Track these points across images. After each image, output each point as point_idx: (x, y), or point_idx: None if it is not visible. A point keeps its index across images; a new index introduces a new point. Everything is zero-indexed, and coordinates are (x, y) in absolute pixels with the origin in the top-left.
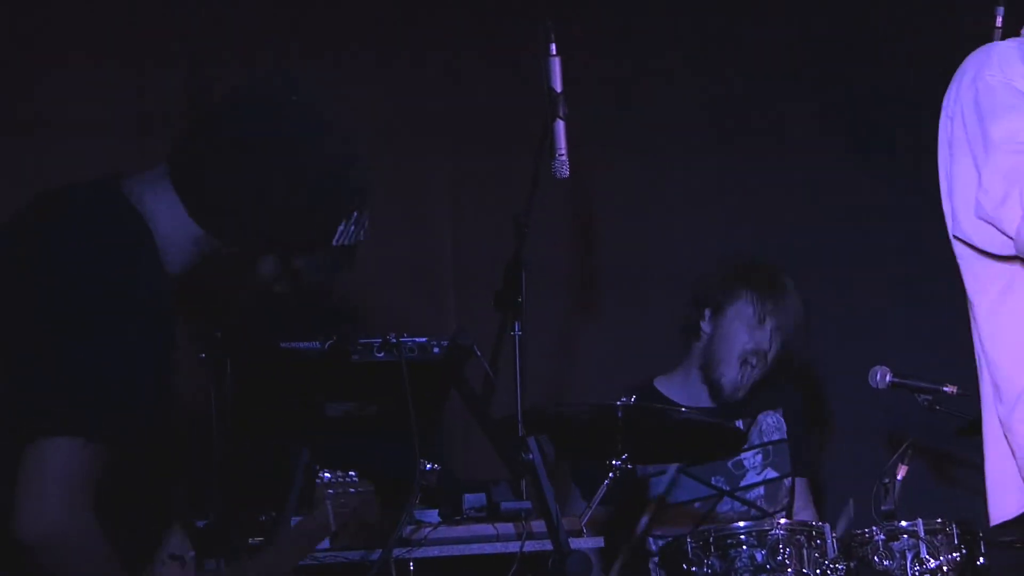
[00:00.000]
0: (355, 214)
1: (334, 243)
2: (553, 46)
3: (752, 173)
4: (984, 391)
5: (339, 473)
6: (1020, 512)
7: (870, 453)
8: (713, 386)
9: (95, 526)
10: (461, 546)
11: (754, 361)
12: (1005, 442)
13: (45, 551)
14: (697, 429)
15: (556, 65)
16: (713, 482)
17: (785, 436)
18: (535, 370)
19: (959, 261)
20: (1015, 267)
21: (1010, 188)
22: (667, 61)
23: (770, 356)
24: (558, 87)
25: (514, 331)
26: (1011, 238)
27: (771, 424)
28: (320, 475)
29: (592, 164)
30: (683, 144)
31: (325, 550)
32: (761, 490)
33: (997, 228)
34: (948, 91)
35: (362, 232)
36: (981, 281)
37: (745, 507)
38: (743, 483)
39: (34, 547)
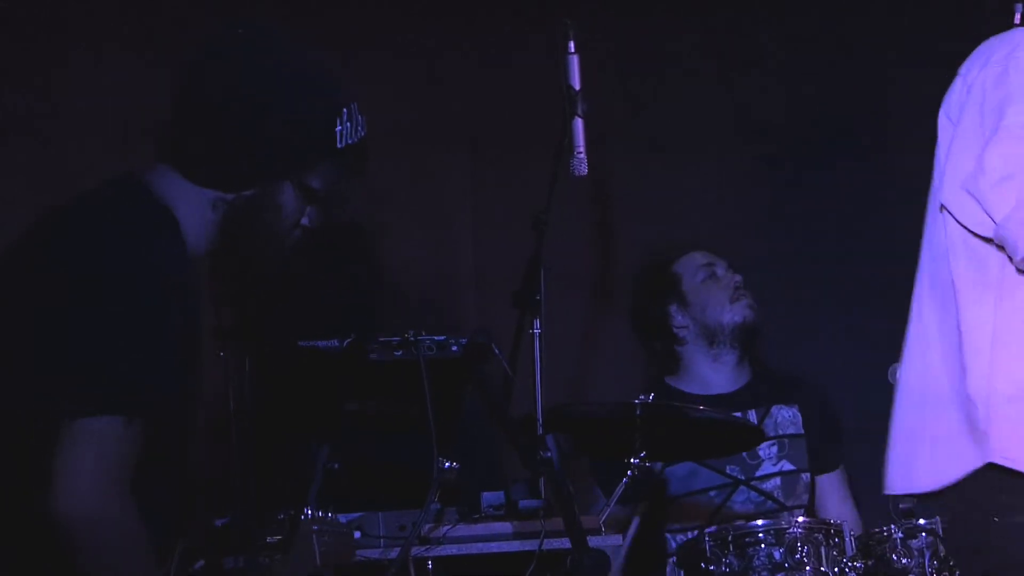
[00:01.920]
0: (344, 110)
1: (339, 146)
2: (572, 44)
3: (774, 174)
4: (948, 363)
5: (320, 513)
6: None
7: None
8: (737, 333)
9: (133, 508)
10: (479, 544)
11: (742, 292)
12: (938, 411)
13: (83, 531)
14: (715, 425)
15: (574, 63)
16: (728, 471)
17: (801, 431)
18: (553, 368)
19: (946, 233)
20: (990, 248)
21: (1010, 173)
22: (689, 59)
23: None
24: (576, 85)
25: (533, 329)
26: (994, 221)
27: (786, 417)
28: (304, 512)
29: (611, 162)
30: (704, 143)
31: None
32: (777, 481)
33: (981, 206)
34: (973, 58)
35: (360, 127)
36: (968, 262)
37: (762, 497)
38: (758, 473)
39: (72, 527)
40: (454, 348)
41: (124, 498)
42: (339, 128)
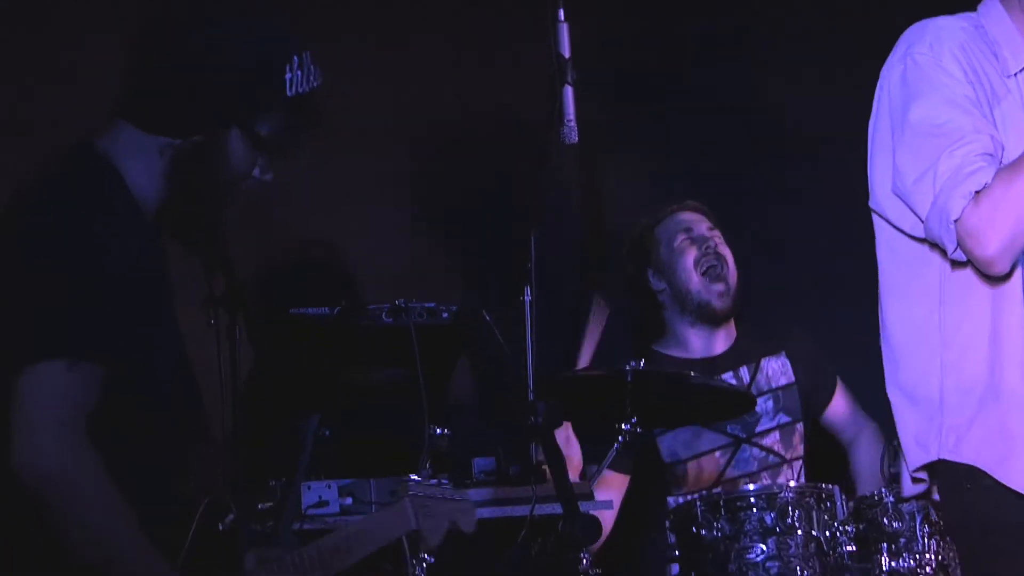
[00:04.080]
0: (295, 58)
1: (289, 94)
2: (561, 12)
3: (762, 143)
4: (885, 366)
5: (431, 481)
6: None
7: (879, 415)
8: (702, 311)
9: (92, 458)
10: None
11: (712, 259)
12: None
13: (44, 488)
14: (705, 392)
15: (564, 31)
16: (729, 431)
17: (792, 380)
18: (545, 335)
19: (876, 234)
20: (926, 249)
21: (922, 170)
22: (680, 23)
23: (722, 250)
24: (566, 53)
25: (524, 296)
26: (921, 220)
27: (776, 368)
28: (408, 478)
29: (602, 131)
30: (693, 111)
31: (335, 514)
32: (776, 435)
33: (909, 207)
34: (886, 62)
35: (313, 78)
36: (895, 259)
37: (764, 453)
38: (758, 429)
39: (32, 484)
40: (444, 315)
41: (79, 448)
42: (288, 76)
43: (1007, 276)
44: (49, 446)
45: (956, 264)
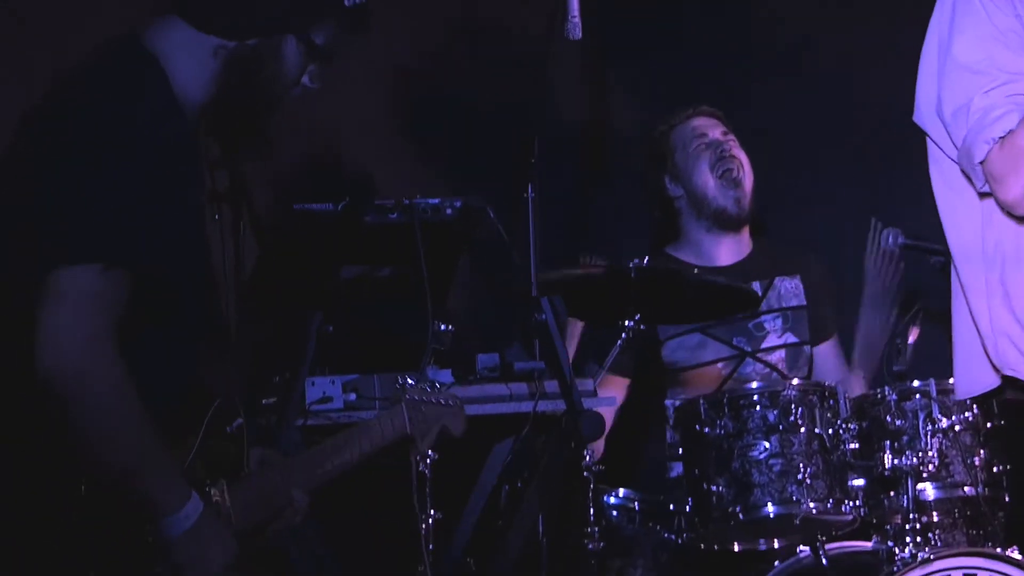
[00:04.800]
0: None
1: (347, 4)
2: None
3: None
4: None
5: (425, 384)
6: (985, 390)
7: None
8: (719, 217)
9: (119, 364)
10: (474, 406)
11: (728, 162)
12: (971, 322)
13: (69, 386)
14: (710, 290)
15: None
16: (736, 343)
17: (804, 303)
18: (548, 233)
19: (928, 150)
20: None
21: (958, 105)
22: None
23: (737, 153)
24: None
25: (527, 194)
26: (956, 147)
27: (789, 289)
28: (402, 379)
29: (605, 26)
30: (700, 12)
31: (338, 410)
32: (782, 354)
33: (948, 134)
34: None
35: None
36: (941, 176)
37: (767, 369)
38: (764, 345)
39: (56, 382)
40: (449, 212)
41: (107, 352)
42: None
43: None
44: (79, 347)
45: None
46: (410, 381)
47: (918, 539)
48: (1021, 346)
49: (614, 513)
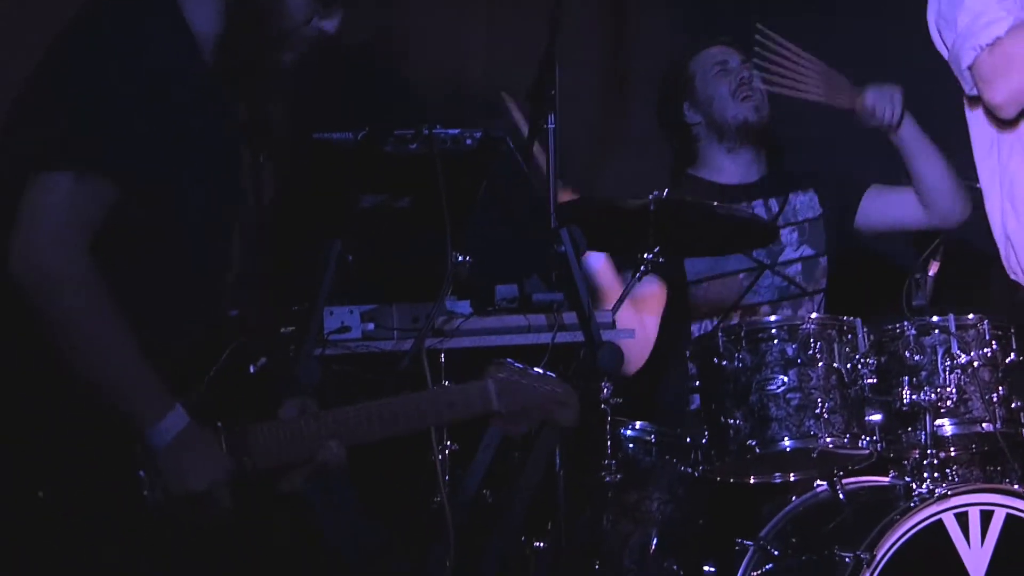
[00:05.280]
0: None
1: None
2: None
3: None
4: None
5: (529, 368)
6: None
7: (902, 249)
8: (740, 130)
9: (91, 273)
10: (493, 337)
11: (746, 89)
12: None
13: (36, 289)
14: (729, 221)
15: None
16: (755, 255)
17: (820, 214)
18: (567, 164)
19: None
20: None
21: (955, 4)
22: None
23: (755, 83)
24: None
25: (547, 124)
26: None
27: (803, 203)
28: (502, 360)
29: None
30: None
31: (356, 339)
32: (799, 267)
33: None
34: None
35: None
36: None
37: (785, 283)
38: (781, 259)
39: (24, 284)
40: (468, 142)
41: (76, 259)
42: None
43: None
44: (46, 249)
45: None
46: (510, 360)
47: (935, 475)
48: None
49: (631, 445)
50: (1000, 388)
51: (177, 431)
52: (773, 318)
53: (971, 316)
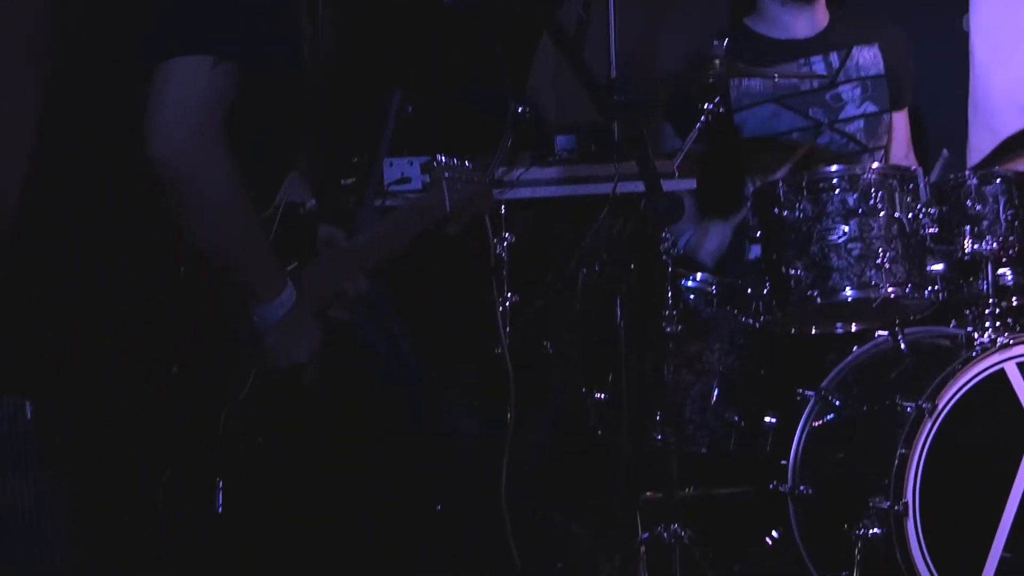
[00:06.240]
0: None
1: None
2: None
3: None
4: None
5: (456, 160)
6: None
7: (962, 101)
8: None
9: (226, 156)
10: (553, 187)
11: None
12: None
13: (173, 174)
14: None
15: None
16: (811, 114)
17: (883, 71)
18: (628, 15)
19: None
20: None
21: None
22: None
23: None
24: None
25: None
26: None
27: (868, 58)
28: (437, 159)
29: None
30: None
31: (416, 191)
32: (860, 123)
33: None
34: None
35: None
36: None
37: (844, 140)
38: (842, 116)
39: (163, 170)
40: None
41: (216, 144)
42: None
43: None
44: (188, 140)
45: None
46: (443, 159)
47: (997, 324)
48: None
49: (691, 296)
50: None
51: (288, 307)
52: (834, 168)
53: None
